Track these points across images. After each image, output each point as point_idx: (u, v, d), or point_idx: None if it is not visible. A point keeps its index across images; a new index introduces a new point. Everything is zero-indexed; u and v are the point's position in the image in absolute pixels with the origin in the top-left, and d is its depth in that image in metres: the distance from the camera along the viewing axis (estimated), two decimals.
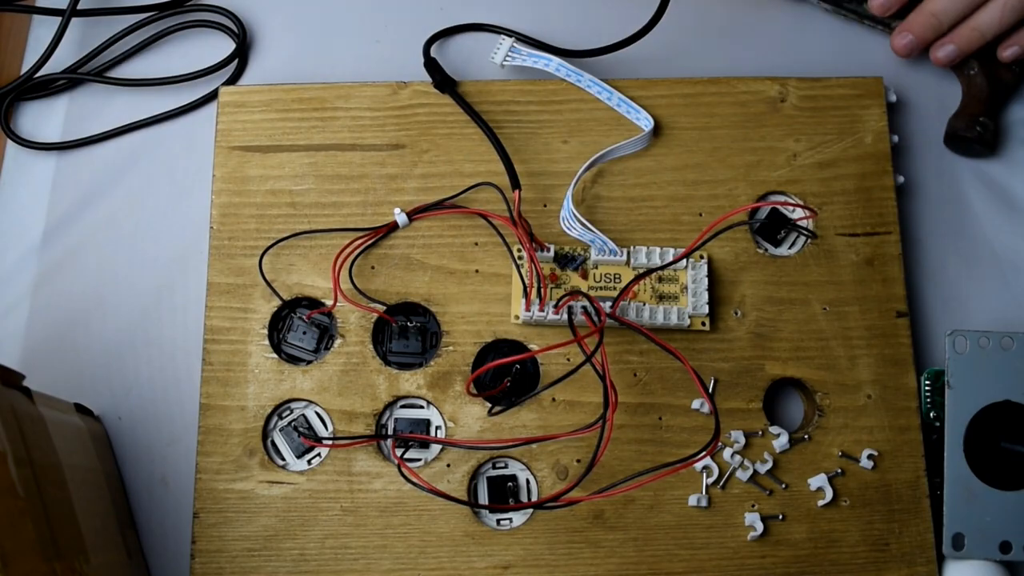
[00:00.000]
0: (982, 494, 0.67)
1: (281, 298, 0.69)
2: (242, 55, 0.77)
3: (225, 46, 0.77)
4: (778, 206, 0.71)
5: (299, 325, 0.69)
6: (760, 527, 0.67)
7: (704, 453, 0.64)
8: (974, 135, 0.74)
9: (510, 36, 0.73)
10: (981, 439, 0.68)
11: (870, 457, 0.68)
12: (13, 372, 0.58)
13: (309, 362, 0.69)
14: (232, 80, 0.76)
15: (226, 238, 0.70)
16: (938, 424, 0.69)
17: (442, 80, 0.72)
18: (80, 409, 0.68)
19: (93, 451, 0.65)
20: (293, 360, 0.69)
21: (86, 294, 0.73)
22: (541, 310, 0.67)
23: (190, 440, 0.68)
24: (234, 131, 0.72)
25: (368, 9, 0.78)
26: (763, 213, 0.72)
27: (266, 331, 0.69)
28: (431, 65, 0.73)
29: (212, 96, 0.74)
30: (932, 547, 0.67)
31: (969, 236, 0.75)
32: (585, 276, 0.69)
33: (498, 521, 0.67)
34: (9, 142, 0.76)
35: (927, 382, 0.70)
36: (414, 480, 0.63)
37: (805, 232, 0.71)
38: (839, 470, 0.68)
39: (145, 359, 0.71)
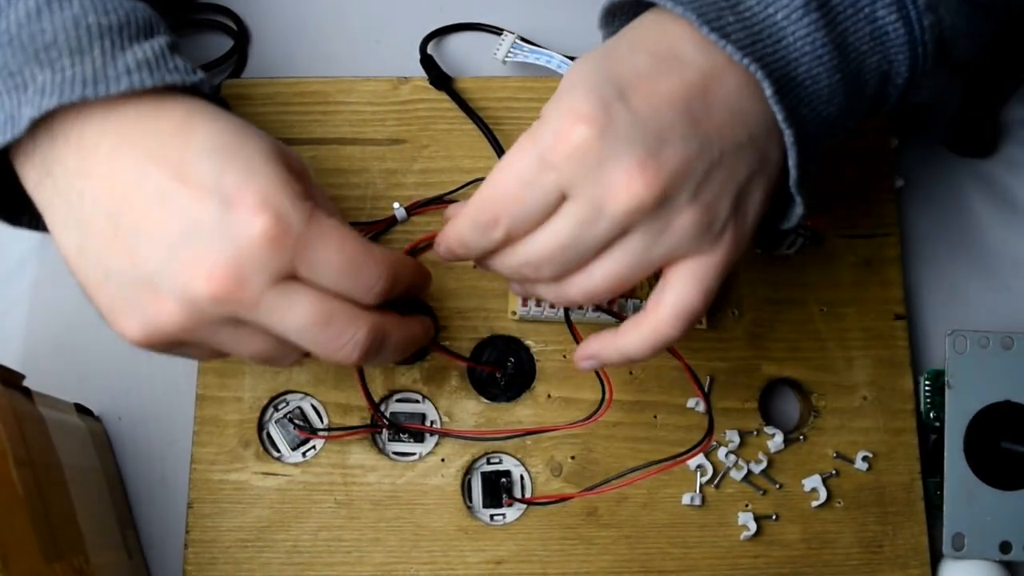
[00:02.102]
0: (982, 494, 0.67)
1: None
2: (240, 54, 0.76)
3: (223, 45, 0.76)
4: None
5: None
6: (753, 527, 0.67)
7: (697, 450, 0.63)
8: (973, 135, 0.74)
9: (512, 34, 0.73)
10: (981, 439, 0.68)
11: (865, 459, 0.67)
12: (13, 372, 0.57)
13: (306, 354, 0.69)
14: (231, 79, 0.75)
15: None
16: (938, 424, 0.68)
17: (438, 77, 0.71)
18: (80, 409, 0.67)
19: (93, 451, 0.65)
20: None
21: None
22: (538, 306, 0.67)
23: (190, 440, 0.68)
24: None
25: (368, 8, 0.77)
26: None
27: None
28: (427, 62, 0.72)
29: None
30: (926, 550, 0.67)
31: (968, 236, 0.74)
32: None
33: (491, 516, 0.67)
34: None
35: (927, 382, 0.69)
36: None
37: (808, 236, 0.70)
38: (834, 471, 0.68)
39: (145, 359, 0.69)
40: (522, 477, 0.68)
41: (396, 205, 0.69)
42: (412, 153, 0.72)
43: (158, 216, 0.48)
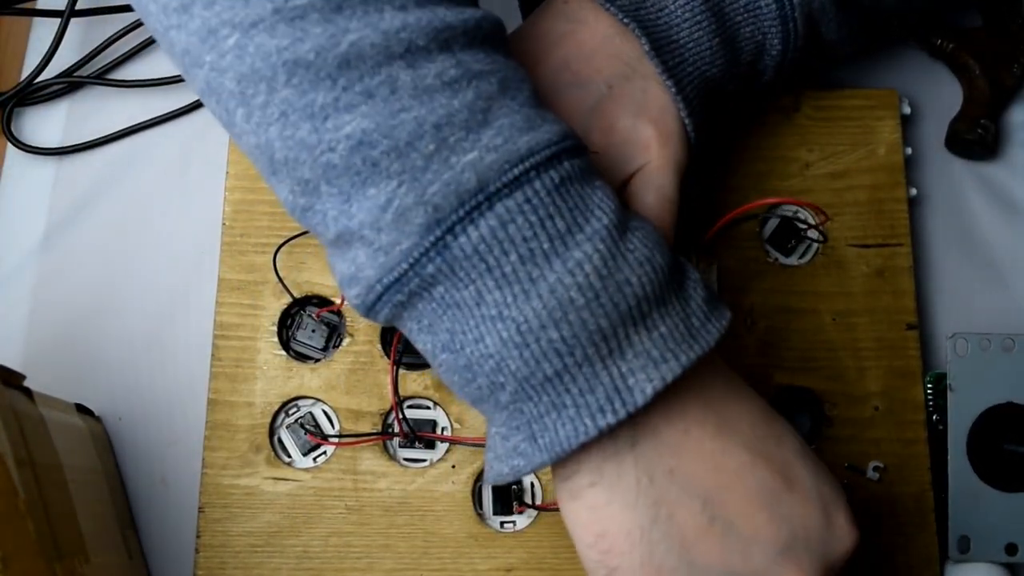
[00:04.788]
0: (986, 497, 0.64)
1: (292, 295, 0.65)
2: None
3: None
4: (789, 202, 0.67)
5: (308, 323, 0.65)
6: None
7: None
8: (975, 137, 0.70)
9: None
10: (984, 441, 0.64)
11: (876, 469, 0.63)
12: (14, 373, 0.54)
13: (317, 360, 0.65)
14: None
15: (238, 235, 0.66)
16: (941, 427, 0.65)
17: None
18: (80, 409, 0.64)
19: (93, 451, 0.62)
20: (301, 358, 0.65)
21: (87, 295, 0.69)
22: None
23: (191, 440, 0.65)
24: None
25: None
26: (773, 223, 0.68)
27: (275, 328, 0.65)
28: None
29: None
30: (937, 561, 0.63)
31: (969, 239, 0.71)
32: None
33: (502, 523, 0.63)
34: (9, 146, 0.72)
35: (929, 385, 0.65)
36: None
37: (816, 237, 0.67)
38: (844, 481, 0.62)
39: (146, 359, 0.67)
40: (532, 484, 0.64)
41: None
42: None
43: (764, 517, 0.44)
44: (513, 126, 0.43)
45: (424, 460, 0.64)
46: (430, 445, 0.64)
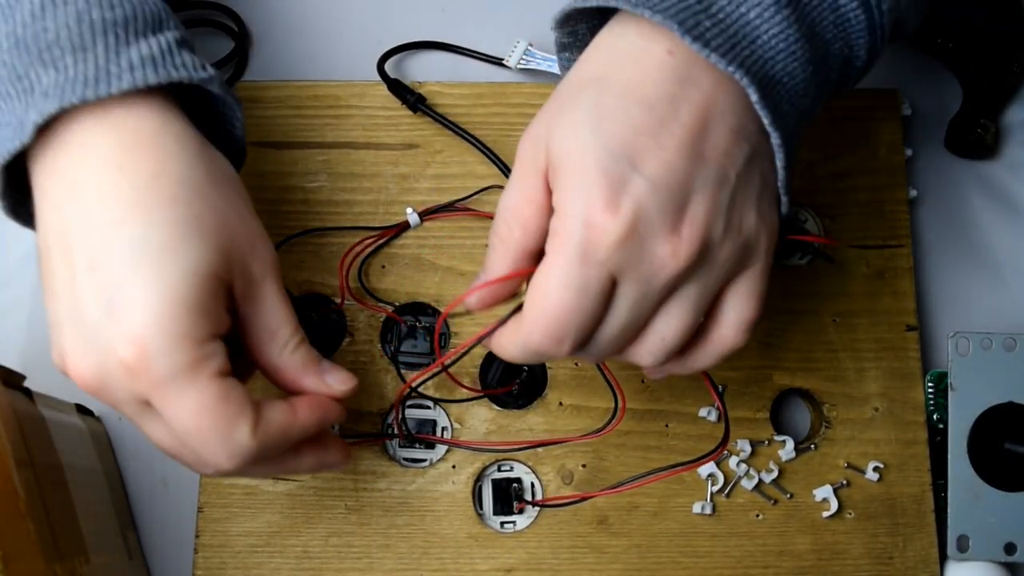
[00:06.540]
0: (986, 496, 0.63)
1: (291, 294, 0.65)
2: (242, 54, 0.71)
3: (224, 45, 0.71)
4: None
5: (308, 323, 0.66)
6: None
7: (715, 453, 0.59)
8: (975, 137, 0.70)
9: (523, 41, 0.69)
10: (985, 441, 0.64)
11: (876, 469, 0.63)
12: (14, 373, 0.54)
13: None
14: (232, 80, 0.70)
15: None
16: (941, 426, 0.65)
17: (415, 100, 0.67)
18: (81, 409, 0.63)
19: (94, 451, 0.61)
20: None
21: None
22: None
23: None
24: (248, 127, 0.65)
25: (369, 9, 0.73)
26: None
27: None
28: (396, 87, 0.68)
29: None
30: (936, 562, 0.63)
31: (969, 238, 0.71)
32: None
33: (502, 524, 0.63)
34: None
35: (930, 384, 0.65)
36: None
37: (822, 256, 0.66)
38: (844, 481, 0.63)
39: None
40: (533, 484, 0.64)
41: (409, 210, 0.65)
42: (425, 158, 0.67)
43: (61, 284, 0.47)
44: None
45: (424, 460, 0.64)
46: (430, 445, 0.64)
